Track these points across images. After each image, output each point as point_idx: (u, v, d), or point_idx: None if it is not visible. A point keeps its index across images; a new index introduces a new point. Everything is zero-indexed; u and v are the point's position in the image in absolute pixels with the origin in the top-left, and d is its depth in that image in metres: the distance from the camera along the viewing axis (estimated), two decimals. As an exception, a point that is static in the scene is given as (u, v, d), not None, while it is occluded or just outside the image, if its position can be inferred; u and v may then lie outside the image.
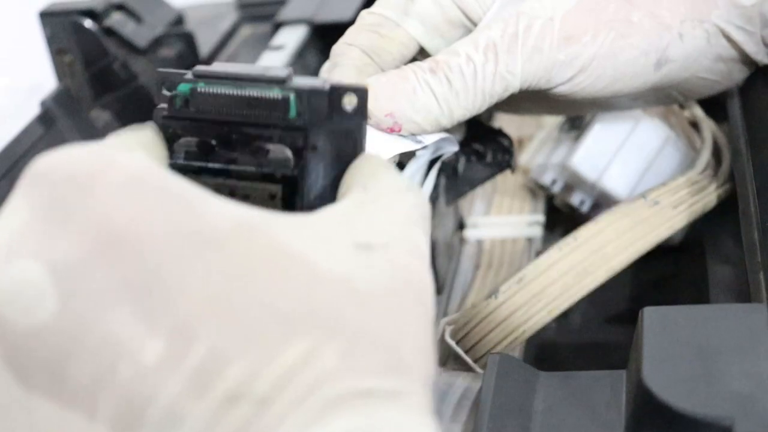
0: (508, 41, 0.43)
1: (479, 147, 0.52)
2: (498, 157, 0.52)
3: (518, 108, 0.54)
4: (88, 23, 0.70)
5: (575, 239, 0.46)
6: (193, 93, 0.34)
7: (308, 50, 0.76)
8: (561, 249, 0.46)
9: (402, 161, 0.48)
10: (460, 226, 0.62)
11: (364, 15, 0.47)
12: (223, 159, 0.35)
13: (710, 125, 0.57)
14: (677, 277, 0.59)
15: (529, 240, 0.61)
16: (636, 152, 0.57)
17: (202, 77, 0.34)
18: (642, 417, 0.33)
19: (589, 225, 0.47)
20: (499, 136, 0.52)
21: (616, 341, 0.55)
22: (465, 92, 0.43)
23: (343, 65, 0.45)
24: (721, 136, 0.55)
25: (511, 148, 0.52)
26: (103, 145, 0.30)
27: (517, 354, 0.49)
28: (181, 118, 0.34)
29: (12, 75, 1.02)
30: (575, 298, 0.45)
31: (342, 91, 0.34)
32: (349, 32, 0.46)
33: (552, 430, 0.36)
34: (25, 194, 0.28)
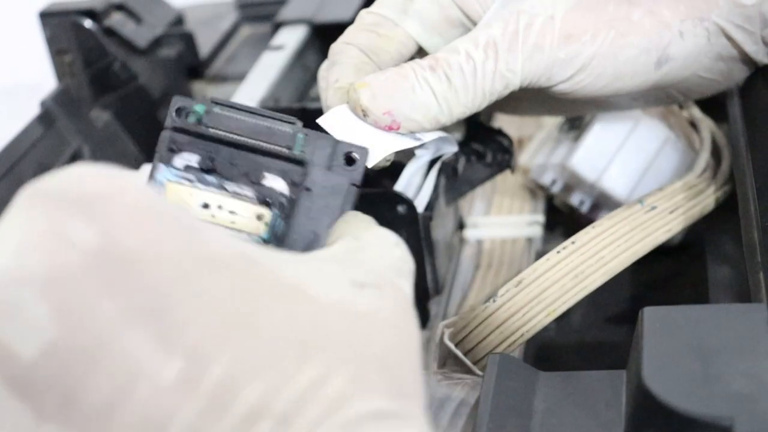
0: (508, 39, 0.43)
1: (479, 147, 0.52)
2: (498, 157, 0.52)
3: (518, 108, 0.53)
4: (88, 23, 0.70)
5: (573, 243, 0.46)
6: (208, 112, 0.37)
7: (308, 50, 0.76)
8: (559, 252, 0.46)
9: (402, 161, 0.48)
10: (460, 226, 0.62)
11: (363, 15, 0.47)
12: (220, 176, 0.37)
13: (709, 125, 0.56)
14: (677, 278, 0.59)
15: (529, 240, 0.61)
16: (635, 153, 0.57)
17: (219, 104, 0.38)
18: (642, 417, 0.33)
19: (587, 229, 0.47)
20: (499, 136, 0.52)
21: (616, 341, 0.55)
22: (464, 90, 0.43)
23: (341, 63, 0.45)
24: (721, 137, 0.55)
25: (511, 148, 0.52)
26: (110, 168, 0.29)
27: (516, 354, 0.49)
28: (190, 132, 0.37)
29: (12, 75, 1.02)
30: (573, 300, 0.45)
31: (346, 145, 0.38)
32: (348, 32, 0.46)
33: (552, 430, 0.36)
34: (30, 212, 0.27)
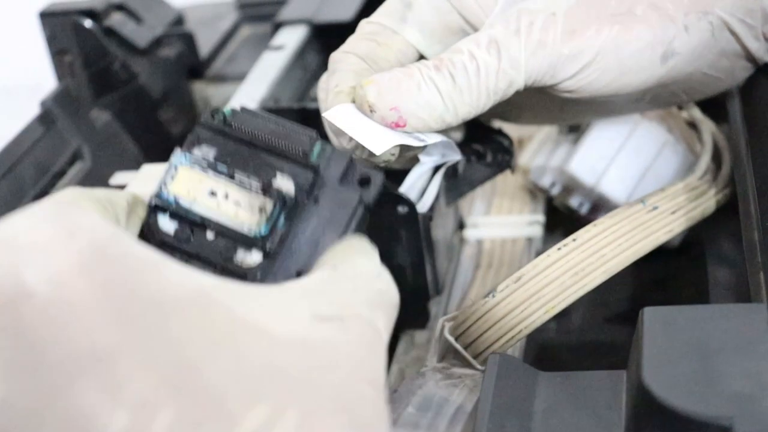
0: (510, 37, 0.43)
1: (479, 147, 0.52)
2: (498, 158, 0.52)
3: (521, 116, 0.54)
4: (88, 23, 0.70)
5: (574, 240, 0.46)
6: (234, 113, 0.39)
7: (308, 50, 0.76)
8: (559, 249, 0.46)
9: (406, 168, 0.48)
10: (460, 226, 0.62)
11: (363, 24, 0.47)
12: (232, 168, 0.38)
13: (710, 127, 0.56)
14: (677, 278, 0.59)
15: (529, 240, 0.61)
16: (634, 156, 0.57)
17: (246, 110, 0.40)
18: (642, 417, 0.33)
19: (588, 227, 0.47)
20: (499, 136, 0.52)
21: (616, 341, 0.55)
22: (469, 89, 0.43)
23: (341, 71, 0.45)
24: (721, 138, 0.55)
25: (511, 148, 0.52)
26: (60, 204, 0.29)
27: (517, 354, 0.49)
28: (214, 129, 0.39)
29: (12, 75, 1.02)
30: (573, 298, 0.45)
31: (361, 165, 0.39)
32: (348, 41, 0.47)
33: (552, 430, 0.36)
34: None
